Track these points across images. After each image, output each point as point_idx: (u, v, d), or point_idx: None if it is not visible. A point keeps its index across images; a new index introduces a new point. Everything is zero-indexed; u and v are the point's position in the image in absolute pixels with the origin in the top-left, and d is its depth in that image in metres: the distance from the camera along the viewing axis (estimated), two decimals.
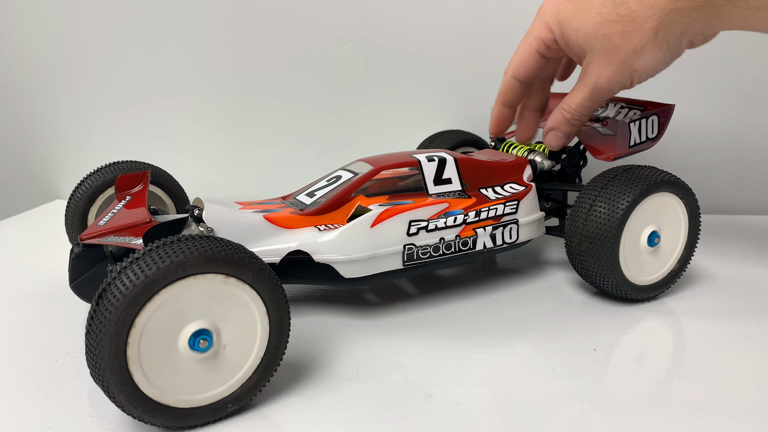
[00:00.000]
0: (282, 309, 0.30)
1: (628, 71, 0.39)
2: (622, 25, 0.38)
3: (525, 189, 0.46)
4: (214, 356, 0.29)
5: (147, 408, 0.27)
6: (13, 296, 0.46)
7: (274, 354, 0.30)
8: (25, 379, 0.34)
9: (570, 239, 0.43)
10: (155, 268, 0.26)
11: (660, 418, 0.30)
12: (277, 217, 0.39)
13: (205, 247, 0.27)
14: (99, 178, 0.45)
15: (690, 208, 0.44)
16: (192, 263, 0.26)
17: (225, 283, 0.28)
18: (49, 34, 0.72)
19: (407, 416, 0.30)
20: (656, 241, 0.43)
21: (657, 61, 0.39)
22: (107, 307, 0.25)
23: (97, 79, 0.74)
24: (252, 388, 0.30)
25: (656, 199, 0.42)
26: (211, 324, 0.28)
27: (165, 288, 0.26)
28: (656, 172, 0.42)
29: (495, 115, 0.49)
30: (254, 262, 0.29)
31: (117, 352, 0.26)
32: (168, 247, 0.27)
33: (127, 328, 0.26)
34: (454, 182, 0.44)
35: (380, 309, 0.43)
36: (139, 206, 0.38)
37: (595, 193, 0.42)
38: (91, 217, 0.45)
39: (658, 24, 0.37)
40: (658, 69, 0.40)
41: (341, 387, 0.33)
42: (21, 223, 0.68)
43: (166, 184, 0.48)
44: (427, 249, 0.41)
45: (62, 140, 0.77)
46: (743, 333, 0.39)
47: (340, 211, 0.41)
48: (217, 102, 0.73)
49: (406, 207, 0.40)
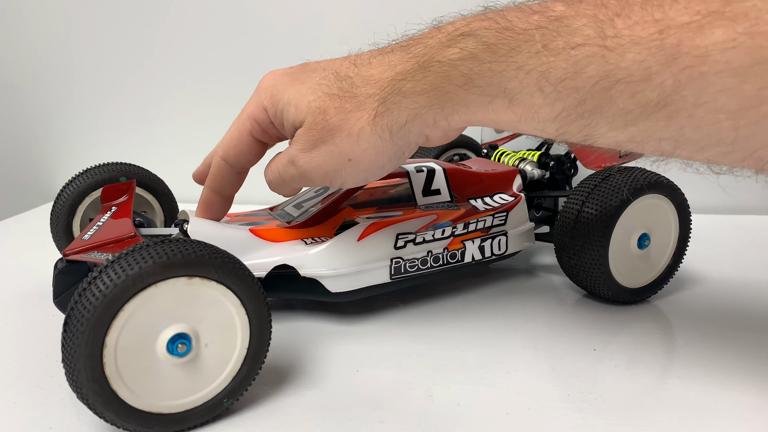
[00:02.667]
0: (256, 296, 0.29)
1: (340, 158, 0.31)
2: (341, 101, 0.31)
3: (515, 200, 0.46)
4: (197, 357, 0.28)
5: (141, 420, 0.27)
6: (13, 296, 0.46)
7: (260, 342, 0.30)
8: (25, 379, 0.34)
9: (559, 239, 0.43)
10: (112, 285, 0.25)
11: (660, 418, 0.30)
12: (263, 230, 0.39)
13: (160, 254, 0.26)
14: (85, 180, 0.45)
15: (680, 210, 0.44)
16: (149, 273, 0.26)
17: (189, 285, 0.27)
18: (49, 34, 0.72)
19: (407, 416, 0.30)
20: (646, 243, 0.43)
21: (377, 153, 0.31)
22: (73, 332, 0.25)
23: (97, 79, 0.74)
24: (244, 380, 0.30)
25: (646, 201, 0.42)
26: (186, 327, 0.28)
27: (127, 303, 0.25)
28: (646, 173, 0.42)
29: (202, 200, 0.39)
30: (215, 257, 0.28)
31: (95, 375, 0.25)
32: (122, 260, 0.26)
33: (98, 349, 0.25)
34: (443, 193, 0.44)
35: (380, 309, 0.43)
36: (125, 218, 0.38)
37: (583, 198, 0.42)
38: (77, 219, 0.45)
39: (379, 105, 0.30)
40: (380, 164, 0.32)
41: (341, 387, 0.33)
42: (21, 223, 0.68)
43: (155, 188, 0.48)
44: (415, 262, 0.41)
45: (62, 140, 0.77)
46: (743, 333, 0.39)
47: (328, 223, 0.41)
48: (218, 102, 0.73)
49: (394, 220, 0.40)
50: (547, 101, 0.26)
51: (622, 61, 0.23)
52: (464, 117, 0.29)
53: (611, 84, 0.24)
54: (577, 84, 0.24)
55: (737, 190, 0.69)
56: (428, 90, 0.29)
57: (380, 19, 0.67)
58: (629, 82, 0.23)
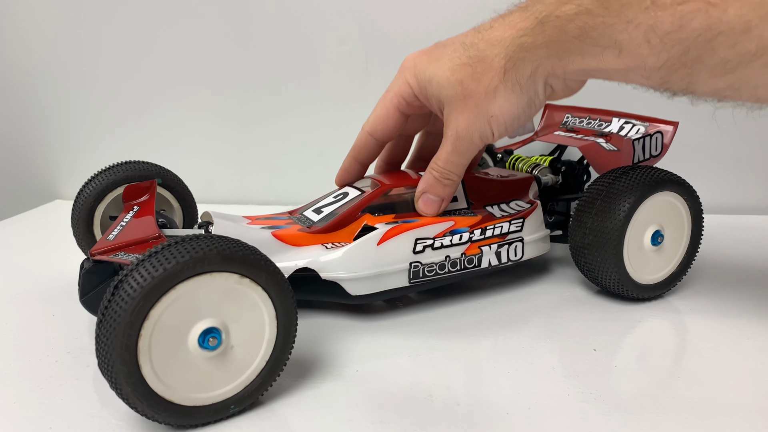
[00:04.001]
0: (290, 313, 0.30)
1: (484, 117, 0.36)
2: (472, 68, 0.35)
3: (531, 207, 0.46)
4: (221, 356, 0.29)
5: (152, 403, 0.27)
6: (13, 296, 0.46)
7: (279, 358, 0.31)
8: (25, 379, 0.34)
9: (574, 234, 0.43)
10: (174, 261, 0.26)
11: (660, 418, 0.30)
12: (285, 235, 0.40)
13: (223, 246, 0.27)
14: (108, 177, 0.45)
15: (693, 208, 0.44)
16: (210, 260, 0.27)
17: (239, 283, 0.28)
18: (49, 34, 0.72)
19: (407, 416, 0.30)
20: (660, 240, 0.43)
21: (511, 105, 0.36)
22: (123, 297, 0.25)
23: (98, 78, 0.74)
24: (255, 391, 0.30)
25: (660, 198, 0.42)
26: (221, 323, 0.28)
27: (182, 282, 0.26)
28: (660, 171, 0.42)
29: (344, 167, 0.46)
30: (269, 265, 0.29)
31: (129, 343, 0.26)
32: (188, 243, 0.27)
33: (141, 319, 0.26)
34: (459, 200, 0.45)
35: (380, 309, 0.43)
36: (148, 217, 0.39)
37: (597, 196, 0.42)
38: (97, 215, 0.45)
39: (506, 62, 0.34)
40: (516, 115, 0.36)
41: (341, 387, 0.33)
42: (21, 223, 0.68)
43: (176, 187, 0.48)
44: (433, 266, 0.41)
45: (63, 140, 0.77)
46: (744, 333, 0.39)
47: (347, 229, 0.41)
48: (218, 102, 0.73)
49: (412, 225, 0.41)
50: (654, 51, 0.29)
51: (724, 15, 0.26)
52: (579, 66, 0.33)
53: (713, 36, 0.27)
54: (681, 36, 0.27)
55: (740, 189, 0.69)
56: (547, 42, 0.33)
57: (380, 19, 0.68)
58: (730, 34, 0.26)
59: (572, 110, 0.58)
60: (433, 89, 0.38)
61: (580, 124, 0.56)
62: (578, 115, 0.57)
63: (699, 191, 0.45)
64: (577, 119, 0.57)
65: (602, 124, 0.54)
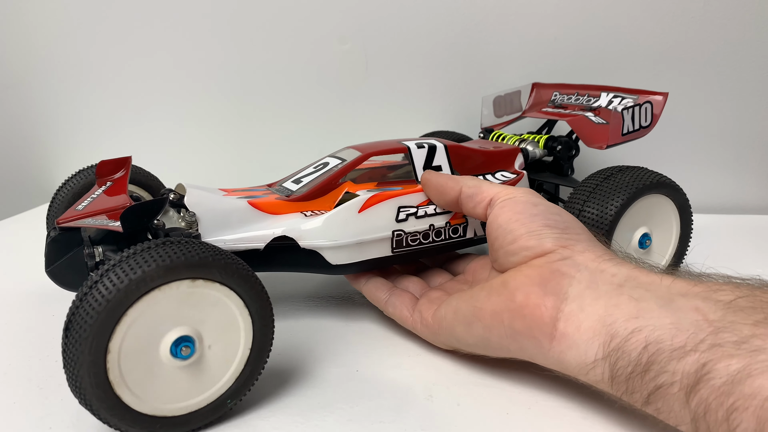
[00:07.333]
0: (260, 297, 0.29)
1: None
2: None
3: (516, 177, 0.46)
4: (200, 359, 0.28)
5: (145, 424, 0.27)
6: (13, 296, 0.46)
7: (263, 342, 0.30)
8: (25, 379, 0.34)
9: None
10: (115, 290, 0.25)
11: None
12: (262, 203, 0.39)
13: (163, 257, 0.26)
14: (84, 178, 0.44)
15: (680, 205, 0.44)
16: (152, 276, 0.25)
17: (193, 287, 0.27)
18: (48, 34, 0.72)
19: (407, 416, 0.30)
20: (647, 243, 0.43)
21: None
22: (76, 339, 0.25)
23: (98, 78, 0.74)
24: (247, 380, 0.30)
25: (646, 201, 0.42)
26: (189, 329, 0.27)
27: (130, 308, 0.25)
28: (645, 174, 0.42)
29: None
30: (219, 258, 0.27)
31: (98, 381, 0.25)
32: (124, 264, 0.26)
33: (102, 355, 0.25)
34: (444, 169, 0.44)
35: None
36: (120, 192, 0.36)
37: (584, 197, 0.42)
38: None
39: None
40: None
41: (341, 387, 0.33)
42: (21, 223, 0.68)
43: (151, 185, 0.47)
44: (417, 236, 0.40)
45: (62, 140, 0.77)
46: None
47: (327, 197, 0.40)
48: (217, 102, 0.73)
49: (395, 193, 0.40)
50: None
51: None
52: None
53: None
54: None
55: (738, 189, 0.69)
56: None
57: (381, 19, 0.68)
58: None
59: (560, 87, 0.58)
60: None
61: (568, 101, 0.55)
62: (566, 92, 0.56)
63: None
64: (565, 96, 0.56)
65: (591, 99, 0.53)
